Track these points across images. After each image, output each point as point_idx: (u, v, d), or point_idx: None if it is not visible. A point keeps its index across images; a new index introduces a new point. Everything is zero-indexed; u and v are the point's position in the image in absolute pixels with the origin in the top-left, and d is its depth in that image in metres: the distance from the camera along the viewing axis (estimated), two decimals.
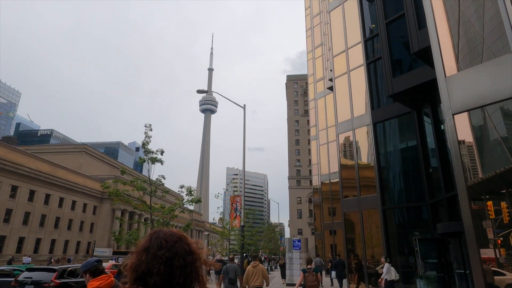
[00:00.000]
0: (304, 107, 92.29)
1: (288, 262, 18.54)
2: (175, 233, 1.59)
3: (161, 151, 13.25)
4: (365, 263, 15.00)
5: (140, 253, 1.48)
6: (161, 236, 1.54)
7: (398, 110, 14.27)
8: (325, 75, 33.17)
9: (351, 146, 16.87)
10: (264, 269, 10.63)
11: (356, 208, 15.71)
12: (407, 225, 14.08)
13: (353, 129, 16.52)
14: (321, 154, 32.79)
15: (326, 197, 33.83)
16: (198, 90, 19.41)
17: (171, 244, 1.49)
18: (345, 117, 17.28)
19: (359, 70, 16.81)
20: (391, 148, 15.07)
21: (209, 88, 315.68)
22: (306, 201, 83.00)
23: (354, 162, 16.54)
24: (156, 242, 1.50)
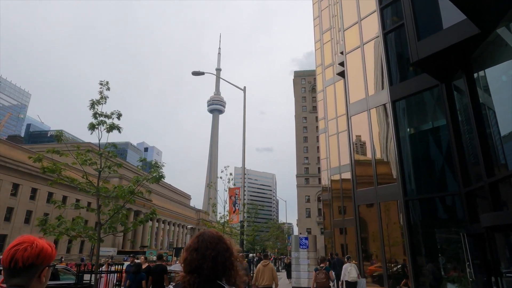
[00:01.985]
0: (312, 104, 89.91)
1: (294, 263, 16.43)
2: (215, 234, 2.06)
3: (117, 114, 11.02)
4: (384, 264, 12.83)
5: (192, 252, 1.94)
6: (206, 238, 1.99)
7: (422, 84, 12.10)
8: (334, 61, 30.99)
9: (365, 129, 14.70)
10: (274, 268, 10.75)
11: (372, 200, 13.58)
12: (435, 218, 11.86)
13: (368, 109, 14.36)
14: (330, 146, 30.60)
15: (336, 195, 31.65)
16: (194, 71, 17.62)
17: (214, 244, 1.95)
18: (358, 97, 15.14)
19: (374, 43, 14.72)
20: (414, 129, 12.91)
21: (217, 89, 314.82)
22: (315, 199, 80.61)
23: (369, 148, 14.40)
24: (204, 243, 1.95)
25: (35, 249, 1.62)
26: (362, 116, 14.86)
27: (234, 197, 16.01)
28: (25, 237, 1.68)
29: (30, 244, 1.63)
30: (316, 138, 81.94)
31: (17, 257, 1.59)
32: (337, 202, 31.48)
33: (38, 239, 1.69)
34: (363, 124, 14.90)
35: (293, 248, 16.59)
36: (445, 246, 11.19)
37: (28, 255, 1.60)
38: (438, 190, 11.55)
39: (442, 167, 11.64)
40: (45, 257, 1.65)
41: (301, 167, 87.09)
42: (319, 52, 39.86)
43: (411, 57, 10.49)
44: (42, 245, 1.67)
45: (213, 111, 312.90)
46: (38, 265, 1.63)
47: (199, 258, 1.89)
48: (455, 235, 10.81)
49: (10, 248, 1.64)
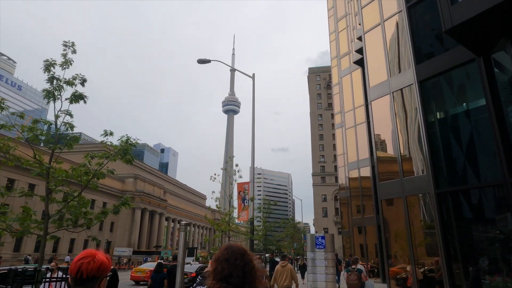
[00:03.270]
0: (328, 101, 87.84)
1: (310, 264, 14.98)
2: (240, 247, 2.34)
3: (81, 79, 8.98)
4: (413, 267, 11.27)
5: (222, 262, 2.19)
6: (234, 250, 2.27)
7: (454, 60, 10.52)
8: (350, 49, 29.38)
9: (388, 115, 13.15)
10: (293, 269, 10.57)
11: (398, 194, 12.04)
12: (474, 213, 10.23)
13: (390, 93, 12.81)
14: (348, 140, 28.94)
15: (354, 193, 29.96)
16: (199, 59, 16.49)
17: (241, 255, 2.23)
18: (378, 79, 13.60)
19: (396, 19, 13.18)
20: (445, 112, 11.32)
21: (232, 89, 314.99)
22: (332, 198, 78.55)
23: (392, 135, 12.85)
24: (233, 254, 2.22)
25: (96, 263, 1.93)
26: (384, 100, 13.30)
27: (243, 192, 14.73)
28: (88, 251, 1.99)
29: (92, 258, 1.94)
30: (332, 135, 79.90)
31: (83, 269, 1.89)
32: (355, 200, 29.81)
33: (98, 253, 2.00)
34: (385, 109, 13.35)
35: (308, 248, 15.13)
36: (487, 246, 9.58)
37: (91, 268, 1.90)
38: (476, 180, 9.93)
39: (481, 154, 10.02)
40: (104, 269, 1.97)
41: (317, 165, 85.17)
42: (334, 44, 38.23)
43: (443, 24, 8.95)
44: (101, 259, 1.98)
45: (228, 111, 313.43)
46: (98, 277, 1.95)
47: (229, 267, 2.17)
48: (499, 232, 9.21)
49: (76, 260, 1.95)
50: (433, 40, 11.89)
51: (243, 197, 14.52)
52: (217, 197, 14.89)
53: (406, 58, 12.38)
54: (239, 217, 15.08)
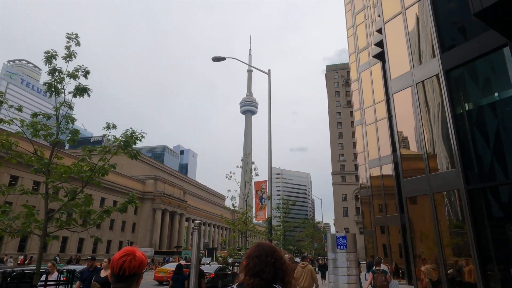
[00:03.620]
0: (346, 98, 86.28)
1: (331, 265, 14.45)
2: (271, 245, 2.45)
3: (84, 71, 8.53)
4: (442, 268, 10.57)
5: (254, 258, 2.31)
6: (265, 247, 2.38)
7: (484, 46, 9.78)
8: (369, 42, 28.49)
9: (411, 107, 12.45)
10: (313, 270, 10.58)
11: (424, 191, 11.35)
12: (510, 211, 9.45)
13: (413, 84, 12.11)
14: (368, 137, 28.03)
15: (376, 192, 29.01)
16: (214, 57, 16.31)
17: (272, 253, 2.34)
18: (401, 71, 12.90)
19: (418, 6, 12.46)
20: (475, 102, 10.56)
21: (249, 90, 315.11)
22: (352, 198, 77.02)
23: (417, 129, 12.15)
24: (264, 252, 2.34)
25: (137, 261, 2.08)
26: (407, 92, 12.61)
27: (261, 191, 14.35)
28: (129, 248, 2.13)
29: (133, 256, 2.08)
30: (351, 134, 78.39)
31: (125, 267, 2.03)
32: (377, 199, 28.87)
33: (137, 251, 2.14)
34: (408, 102, 12.65)
35: (329, 248, 14.61)
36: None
37: (133, 265, 2.05)
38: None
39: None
40: (143, 266, 2.11)
41: (337, 164, 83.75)
42: (352, 39, 37.28)
43: (472, 7, 8.29)
44: (141, 257, 2.13)
45: (245, 112, 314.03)
46: (138, 274, 2.11)
47: (261, 263, 2.28)
48: None
49: (118, 258, 2.07)
50: (459, 26, 11.17)
51: (261, 196, 14.16)
52: (233, 195, 14.62)
53: (430, 47, 11.67)
54: (257, 217, 14.73)
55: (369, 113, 27.40)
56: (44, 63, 8.41)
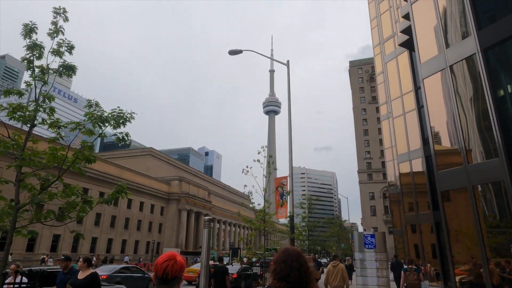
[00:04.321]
0: (371, 94, 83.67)
1: (359, 266, 13.51)
2: (296, 250, 2.62)
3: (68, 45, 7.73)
4: (485, 269, 9.45)
5: (280, 263, 2.48)
6: (291, 253, 2.53)
7: None
8: (394, 31, 27.06)
9: (444, 92, 11.33)
10: (345, 269, 10.59)
11: (462, 184, 10.24)
12: None
13: (446, 67, 11.00)
14: (396, 130, 26.54)
15: (407, 190, 27.46)
16: (230, 50, 15.78)
17: (297, 257, 2.49)
18: (431, 53, 11.80)
19: None
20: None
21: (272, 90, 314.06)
22: (380, 196, 74.45)
23: (451, 115, 11.02)
24: (289, 257, 2.49)
25: (178, 265, 2.30)
26: (438, 77, 11.50)
27: (281, 188, 13.62)
28: (170, 253, 2.37)
29: (175, 261, 2.30)
30: (377, 130, 75.90)
31: (168, 271, 2.24)
32: (407, 196, 27.34)
33: (178, 256, 2.36)
34: (440, 87, 11.54)
35: (356, 247, 13.68)
36: None
37: (176, 269, 2.27)
38: None
39: None
40: (183, 270, 2.34)
41: (363, 162, 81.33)
42: (376, 31, 35.75)
43: None
44: (181, 261, 2.35)
45: (269, 112, 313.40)
46: (180, 277, 2.32)
47: (287, 268, 2.44)
48: None
49: (162, 262, 2.29)
50: None
51: (281, 192, 13.46)
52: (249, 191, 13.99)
53: (464, 25, 10.54)
54: (278, 215, 14.04)
55: (396, 105, 25.93)
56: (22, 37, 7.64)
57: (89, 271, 6.52)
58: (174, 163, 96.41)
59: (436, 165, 11.65)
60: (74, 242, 50.84)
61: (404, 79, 24.93)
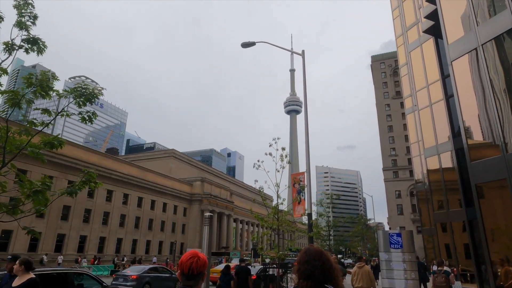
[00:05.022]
0: (395, 88, 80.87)
1: (384, 267, 12.55)
2: (317, 248, 2.72)
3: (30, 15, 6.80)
4: None
5: (304, 264, 2.58)
6: (312, 252, 2.64)
7: None
8: (418, 18, 25.59)
9: (474, 75, 10.20)
10: (370, 270, 10.54)
11: (500, 174, 9.13)
12: None
13: (478, 45, 9.88)
14: (422, 123, 25.02)
15: (436, 187, 25.87)
16: (243, 43, 15.24)
17: (319, 256, 2.59)
18: (459, 33, 10.68)
19: None
20: None
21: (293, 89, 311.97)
22: (407, 194, 71.70)
23: (484, 99, 9.89)
24: (311, 256, 2.60)
25: (202, 261, 2.52)
26: (469, 58, 10.39)
27: (299, 184, 12.84)
28: (193, 251, 2.58)
29: (198, 258, 2.51)
30: (402, 126, 73.26)
31: (193, 267, 2.45)
32: (437, 193, 25.76)
33: (200, 253, 2.55)
34: (471, 69, 10.43)
35: (381, 247, 12.71)
36: None
37: (200, 265, 2.48)
38: None
39: None
40: (206, 266, 2.55)
41: (388, 159, 78.68)
42: (398, 21, 34.18)
43: None
44: (204, 258, 2.57)
45: (290, 112, 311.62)
46: (203, 272, 2.52)
47: (310, 268, 2.55)
48: None
49: (186, 260, 2.49)
50: None
51: (298, 189, 12.69)
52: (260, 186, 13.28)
53: None
54: (295, 213, 13.28)
55: (422, 96, 24.43)
56: None
57: (27, 276, 5.53)
58: (196, 164, 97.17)
59: (469, 156, 10.51)
60: (101, 243, 51.89)
61: (430, 68, 23.45)
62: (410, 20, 29.26)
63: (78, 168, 48.64)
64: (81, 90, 7.14)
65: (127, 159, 77.60)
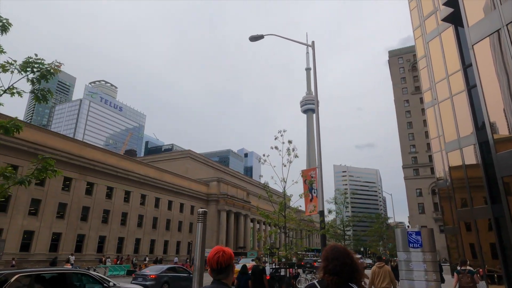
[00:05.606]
0: (414, 84, 78.60)
1: (404, 268, 11.83)
2: (343, 247, 2.81)
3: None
4: None
5: (333, 260, 2.66)
6: (340, 250, 2.74)
7: None
8: (436, 6, 24.43)
9: (499, 59, 9.37)
10: (390, 270, 10.35)
11: None
12: None
13: (503, 25, 9.03)
14: (442, 116, 23.80)
15: (458, 184, 24.63)
16: (251, 36, 14.82)
17: (346, 255, 2.70)
18: (480, 15, 9.86)
19: None
20: None
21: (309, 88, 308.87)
22: (428, 192, 69.45)
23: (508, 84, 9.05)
24: (340, 254, 2.70)
25: (228, 254, 2.67)
26: (491, 40, 9.56)
27: (310, 181, 12.24)
28: (217, 247, 2.74)
29: (224, 252, 2.67)
30: (422, 122, 71.08)
31: (221, 261, 2.62)
32: (459, 190, 24.52)
33: (224, 247, 2.73)
34: (494, 53, 9.60)
35: (400, 246, 11.99)
36: None
37: (226, 258, 2.65)
38: None
39: None
40: (232, 258, 2.72)
41: (408, 157, 76.50)
42: (416, 11, 32.91)
43: None
44: (229, 251, 2.72)
45: (306, 111, 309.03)
46: (231, 265, 2.70)
47: (340, 264, 2.62)
48: None
49: (213, 256, 2.66)
50: None
51: (310, 186, 12.11)
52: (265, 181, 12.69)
53: None
54: (307, 211, 12.68)
55: (441, 88, 23.24)
56: None
57: None
58: (212, 165, 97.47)
59: (494, 148, 9.68)
60: (119, 243, 52.60)
61: (450, 58, 22.30)
62: (427, 9, 28.05)
63: (97, 170, 49.68)
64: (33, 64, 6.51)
65: (144, 161, 78.68)
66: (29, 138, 40.85)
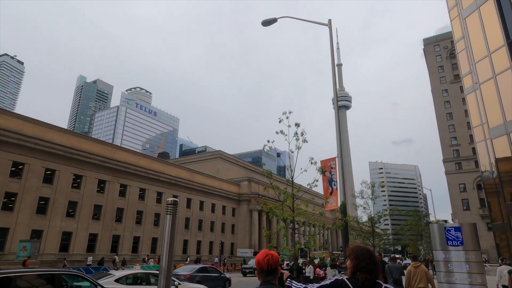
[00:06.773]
0: (453, 72, 73.52)
1: (442, 269, 10.32)
2: (366, 246, 2.99)
3: None
4: None
5: (366, 259, 2.83)
6: (367, 249, 2.93)
7: None
8: None
9: None
10: (427, 270, 10.16)
11: None
12: None
13: None
14: (485, 99, 21.29)
15: (506, 178, 22.09)
16: (264, 20, 13.88)
17: (372, 254, 2.91)
18: None
19: None
20: None
21: (340, 84, 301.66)
22: (473, 187, 64.49)
23: None
24: (368, 253, 2.89)
25: (275, 257, 2.94)
26: None
27: (330, 172, 11.01)
28: (266, 251, 3.04)
29: (272, 254, 2.95)
30: (464, 112, 66.26)
31: (271, 263, 2.89)
32: (509, 184, 22.00)
33: (271, 251, 3.01)
34: None
35: (436, 245, 10.46)
36: None
37: (274, 261, 2.92)
38: None
39: None
40: (279, 261, 2.97)
41: (449, 150, 71.61)
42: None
43: None
44: (275, 254, 2.98)
45: (339, 108, 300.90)
46: (278, 267, 2.95)
47: (371, 263, 2.81)
48: None
49: (263, 258, 2.94)
50: None
51: (330, 178, 10.90)
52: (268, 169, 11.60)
53: None
54: (327, 205, 11.46)
55: (483, 67, 20.79)
56: None
57: None
58: (243, 165, 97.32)
59: None
60: (153, 243, 53.61)
61: (491, 34, 19.93)
62: None
63: (129, 172, 51.02)
64: None
65: (176, 162, 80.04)
66: (65, 143, 42.64)
